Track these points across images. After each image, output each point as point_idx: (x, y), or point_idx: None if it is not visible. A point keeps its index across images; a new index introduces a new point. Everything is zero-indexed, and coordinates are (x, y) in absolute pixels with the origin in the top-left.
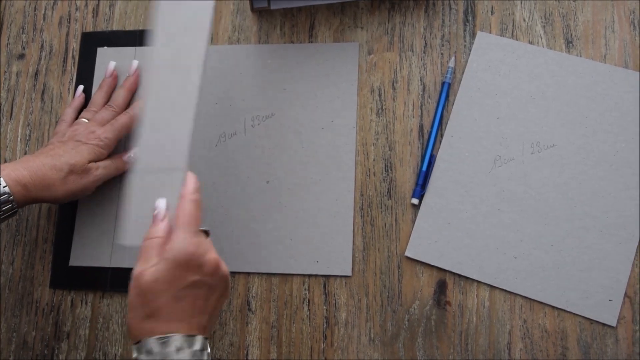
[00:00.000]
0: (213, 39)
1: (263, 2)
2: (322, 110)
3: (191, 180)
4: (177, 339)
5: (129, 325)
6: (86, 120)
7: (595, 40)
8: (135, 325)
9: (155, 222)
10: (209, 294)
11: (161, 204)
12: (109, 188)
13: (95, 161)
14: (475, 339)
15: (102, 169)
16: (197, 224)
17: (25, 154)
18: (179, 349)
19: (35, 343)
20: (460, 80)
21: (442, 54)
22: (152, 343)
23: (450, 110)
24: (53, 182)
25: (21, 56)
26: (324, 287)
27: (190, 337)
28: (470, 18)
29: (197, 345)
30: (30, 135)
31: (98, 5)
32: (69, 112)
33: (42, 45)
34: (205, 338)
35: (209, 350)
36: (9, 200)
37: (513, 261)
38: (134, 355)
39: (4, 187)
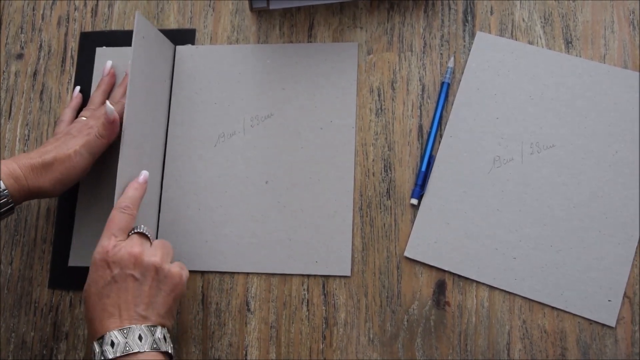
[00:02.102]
0: (212, 39)
1: (262, 2)
2: (321, 110)
3: (127, 190)
4: (110, 335)
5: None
6: (85, 119)
7: (594, 40)
8: (88, 330)
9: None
10: (137, 284)
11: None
12: (108, 188)
13: (94, 152)
14: (475, 340)
15: (81, 147)
16: (120, 228)
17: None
18: (113, 344)
19: (33, 343)
20: (460, 81)
21: (441, 54)
22: (94, 345)
23: (449, 111)
24: (40, 172)
25: (20, 56)
26: (323, 287)
27: (125, 329)
28: (469, 18)
29: (132, 336)
30: (29, 135)
31: (97, 5)
32: (68, 112)
33: (40, 45)
34: (151, 326)
35: (158, 336)
36: (3, 195)
37: (512, 261)
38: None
39: None
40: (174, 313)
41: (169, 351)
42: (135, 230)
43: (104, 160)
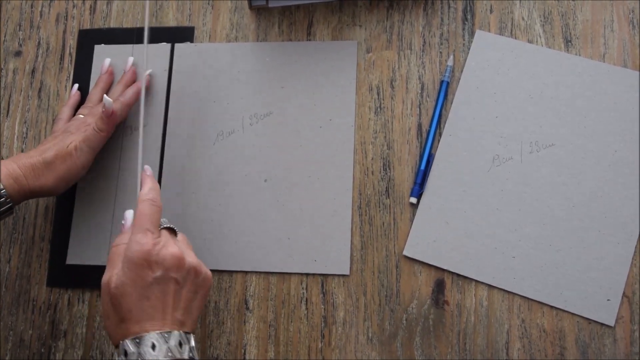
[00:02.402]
0: (211, 37)
1: (261, 0)
2: (321, 108)
3: (146, 182)
4: (151, 337)
5: (108, 333)
6: (82, 116)
7: (594, 39)
8: (112, 331)
9: (122, 231)
10: (178, 287)
11: (128, 214)
12: (107, 186)
13: (94, 147)
14: (474, 339)
15: (81, 142)
16: (152, 222)
17: (22, 151)
18: (154, 346)
19: (32, 341)
20: (459, 79)
21: (440, 52)
22: (127, 344)
23: (448, 109)
24: (41, 171)
25: (18, 53)
26: (322, 286)
27: (166, 333)
28: (469, 17)
29: (173, 341)
30: (27, 133)
31: (95, 2)
32: (65, 111)
33: (39, 43)
34: (187, 333)
35: (192, 344)
36: (2, 194)
37: (511, 261)
38: (115, 358)
39: None
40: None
41: (196, 358)
42: (164, 225)
43: (102, 158)
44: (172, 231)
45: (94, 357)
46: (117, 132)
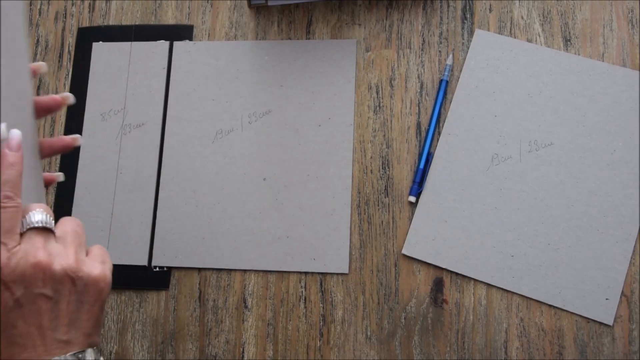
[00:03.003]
0: (210, 35)
1: None
2: (320, 107)
3: (3, 163)
4: None
5: None
6: None
7: (593, 38)
8: None
9: None
10: (52, 303)
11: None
12: (105, 185)
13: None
14: (472, 338)
15: None
16: (5, 230)
17: None
18: None
19: None
20: (458, 78)
21: (440, 51)
22: None
23: (447, 108)
24: None
25: None
26: (321, 284)
27: None
28: (468, 16)
29: None
30: None
31: (94, 0)
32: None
33: (37, 40)
34: (77, 353)
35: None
36: None
37: (510, 260)
38: None
39: None
40: (101, 323)
41: None
42: (30, 225)
43: (101, 157)
44: (44, 230)
45: None
46: (115, 131)
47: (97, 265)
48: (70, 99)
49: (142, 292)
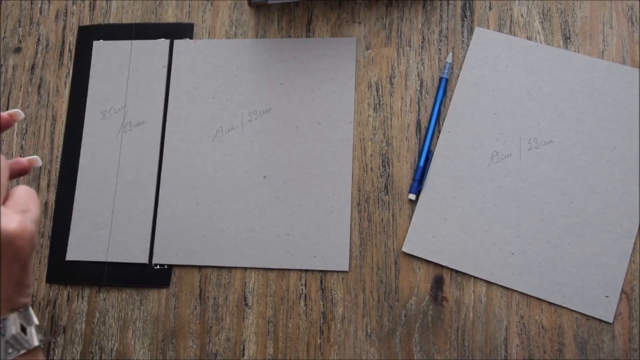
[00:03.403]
0: (211, 33)
1: None
2: (320, 105)
3: None
4: None
5: None
6: None
7: (593, 36)
8: None
9: None
10: None
11: None
12: (106, 182)
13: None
14: (472, 335)
15: None
16: None
17: (21, 148)
18: None
19: None
20: (458, 76)
21: (439, 49)
22: None
23: (447, 106)
24: None
25: (17, 50)
26: (321, 282)
27: None
28: (468, 14)
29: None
30: (26, 129)
31: None
32: None
33: (38, 39)
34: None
35: (12, 330)
36: None
37: (510, 257)
38: None
39: None
40: (28, 281)
41: (35, 343)
42: None
43: (102, 155)
44: None
45: (93, 353)
46: (116, 130)
47: (15, 217)
48: (20, 115)
49: (142, 290)
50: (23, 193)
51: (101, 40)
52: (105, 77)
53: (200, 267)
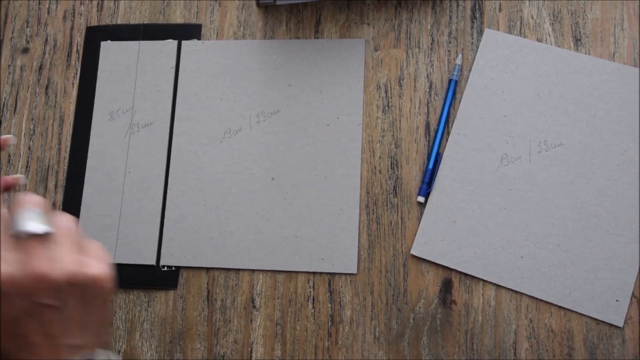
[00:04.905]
0: (218, 34)
1: None
2: (328, 106)
3: None
4: None
5: None
6: None
7: (604, 38)
8: None
9: None
10: (59, 313)
11: None
12: (114, 184)
13: None
14: (481, 339)
15: None
16: None
17: (29, 148)
18: None
19: None
20: (467, 78)
21: (449, 51)
22: None
23: (457, 108)
24: None
25: (25, 50)
26: (329, 284)
27: None
28: (477, 15)
29: None
30: (34, 130)
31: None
32: None
33: (46, 40)
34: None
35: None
36: None
37: (519, 260)
38: None
39: None
40: (110, 321)
41: None
42: (19, 228)
43: (109, 157)
44: (36, 235)
45: None
46: (123, 131)
47: (99, 265)
48: (10, 140)
49: (150, 292)
50: (96, 246)
51: (109, 41)
52: (112, 78)
53: (207, 269)
